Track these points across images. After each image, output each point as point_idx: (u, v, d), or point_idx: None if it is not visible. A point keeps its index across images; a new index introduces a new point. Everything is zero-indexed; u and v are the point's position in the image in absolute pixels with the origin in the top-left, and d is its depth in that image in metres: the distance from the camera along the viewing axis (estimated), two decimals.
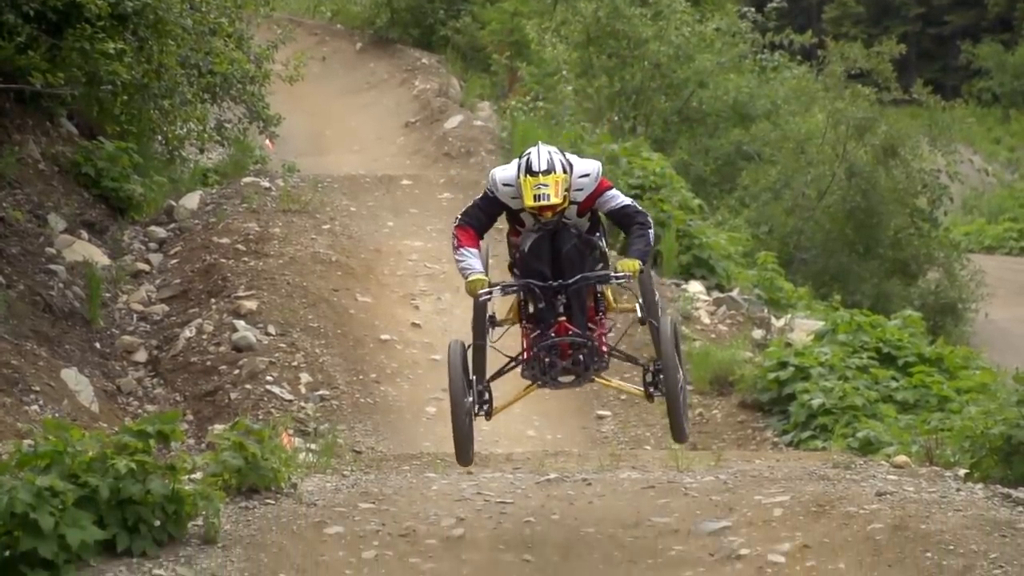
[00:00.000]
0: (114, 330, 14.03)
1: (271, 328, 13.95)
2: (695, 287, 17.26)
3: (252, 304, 14.19)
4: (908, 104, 28.63)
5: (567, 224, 8.65)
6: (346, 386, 13.50)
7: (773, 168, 24.62)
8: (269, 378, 13.24)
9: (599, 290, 8.83)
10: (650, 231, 8.71)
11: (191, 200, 16.62)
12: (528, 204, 8.46)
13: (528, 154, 8.54)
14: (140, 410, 12.90)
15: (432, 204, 18.00)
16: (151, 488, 8.21)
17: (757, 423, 14.26)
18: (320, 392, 13.25)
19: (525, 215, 8.68)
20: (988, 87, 48.23)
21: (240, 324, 13.87)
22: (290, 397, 13.08)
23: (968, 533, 8.27)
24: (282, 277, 14.81)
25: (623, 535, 8.71)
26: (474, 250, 8.65)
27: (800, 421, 13.81)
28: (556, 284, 8.56)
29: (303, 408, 12.93)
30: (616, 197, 8.75)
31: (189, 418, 12.90)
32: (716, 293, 17.38)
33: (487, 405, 8.74)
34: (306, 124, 23.93)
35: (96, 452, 8.29)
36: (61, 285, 13.90)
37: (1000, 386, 13.79)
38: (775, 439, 13.89)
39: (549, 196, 8.41)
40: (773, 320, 16.70)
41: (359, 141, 23.91)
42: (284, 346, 13.74)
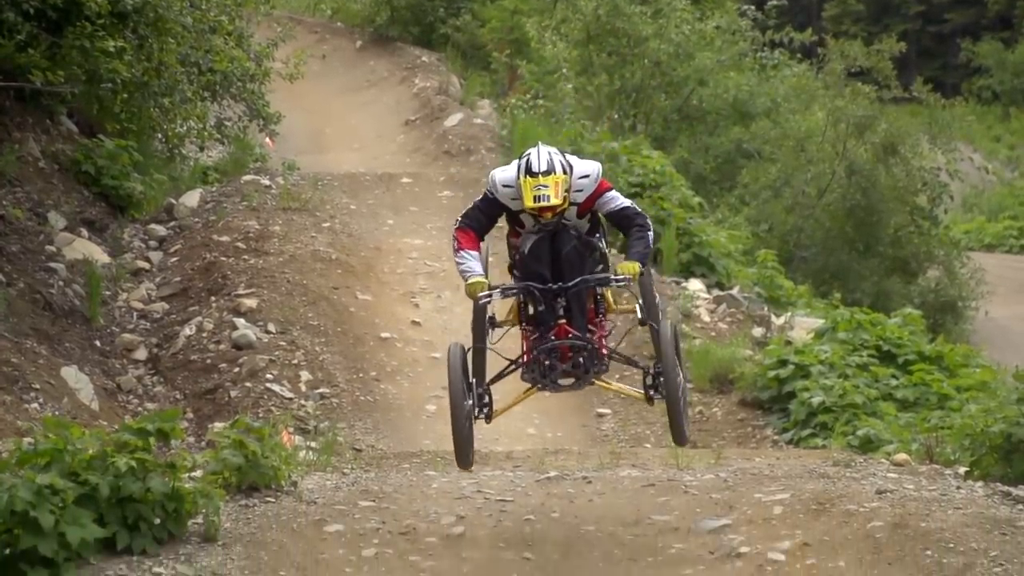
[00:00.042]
0: (114, 328, 14.03)
1: (271, 326, 13.95)
2: (695, 285, 17.27)
3: (252, 302, 14.19)
4: (908, 102, 28.63)
5: (567, 225, 8.64)
6: (346, 384, 13.50)
7: (773, 166, 24.62)
8: (269, 376, 13.24)
9: (599, 292, 8.82)
10: (649, 233, 8.70)
11: (191, 198, 16.62)
12: (528, 205, 8.45)
13: (528, 155, 8.53)
14: (140, 408, 12.91)
15: (432, 202, 18.00)
16: (151, 486, 8.22)
17: (757, 421, 14.27)
18: (320, 390, 13.25)
19: (525, 216, 8.67)
20: (988, 85, 48.20)
21: (240, 322, 13.87)
22: (290, 395, 13.08)
23: (968, 531, 8.27)
24: (282, 275, 14.81)
25: (623, 533, 8.71)
26: (474, 252, 8.64)
27: (800, 419, 13.81)
28: (556, 287, 8.55)
29: (303, 406, 12.94)
30: (616, 199, 8.74)
31: (189, 416, 12.90)
32: (716, 291, 17.38)
33: (487, 408, 8.73)
34: (306, 122, 23.93)
35: (96, 450, 8.29)
36: (61, 283, 13.90)
37: (1000, 384, 13.80)
38: (775, 437, 13.89)
39: (549, 197, 8.40)
40: (773, 318, 16.70)
41: (359, 139, 23.91)
42: (284, 344, 13.74)
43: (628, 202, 8.78)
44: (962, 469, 9.71)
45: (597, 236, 8.89)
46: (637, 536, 8.68)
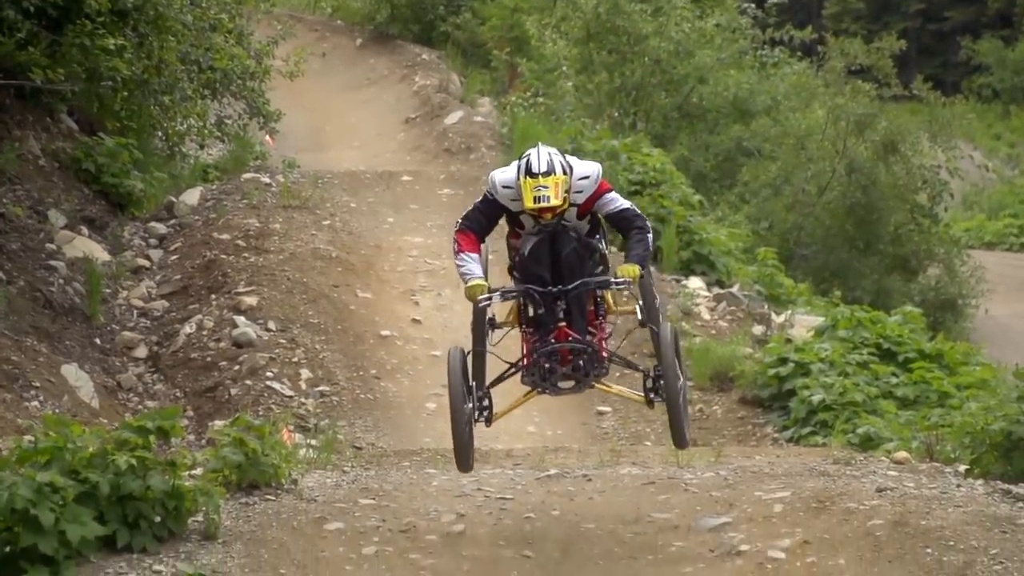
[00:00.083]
0: (114, 326, 14.03)
1: (271, 324, 13.95)
2: (695, 283, 17.26)
3: (252, 300, 14.19)
4: (908, 100, 28.63)
5: (567, 227, 8.63)
6: (346, 382, 13.50)
7: (773, 164, 24.62)
8: (269, 374, 13.24)
9: (599, 294, 8.81)
10: (649, 235, 8.70)
11: (191, 196, 16.62)
12: (528, 206, 8.45)
13: (528, 155, 8.53)
14: (140, 406, 12.90)
15: (432, 200, 18.00)
16: (151, 484, 8.22)
17: (757, 419, 14.27)
18: (320, 388, 13.25)
19: (525, 217, 8.67)
20: (988, 83, 48.20)
21: (240, 320, 13.87)
22: (290, 393, 13.08)
23: (968, 529, 8.27)
24: (282, 273, 14.81)
25: (623, 531, 8.72)
26: (474, 255, 8.64)
27: (800, 417, 13.81)
28: (556, 290, 8.54)
29: (303, 404, 12.93)
30: (615, 200, 8.73)
31: (189, 414, 12.90)
32: (716, 289, 17.37)
33: (487, 412, 8.72)
34: (306, 120, 23.93)
35: (96, 448, 8.30)
36: (61, 281, 13.90)
37: (1000, 382, 13.80)
38: (775, 435, 13.89)
39: (549, 198, 8.40)
40: (773, 316, 16.70)
41: (359, 137, 23.90)
42: (284, 342, 13.74)
43: (628, 204, 8.77)
44: (962, 467, 9.71)
45: (597, 237, 8.88)
46: (637, 534, 8.68)
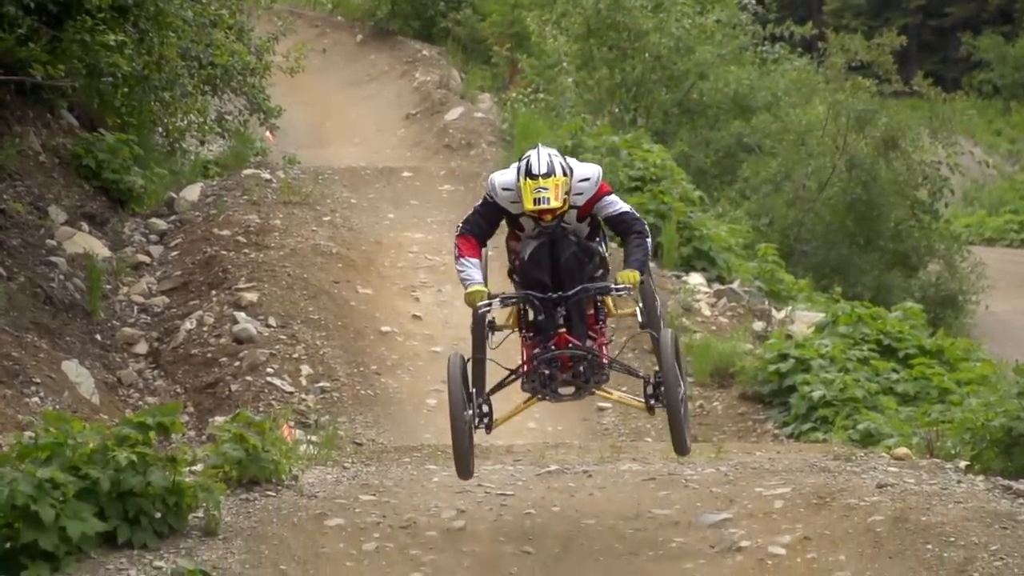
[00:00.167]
0: (115, 322, 14.03)
1: (272, 320, 13.95)
2: (696, 279, 17.26)
3: (253, 296, 14.19)
4: (909, 96, 28.58)
5: (566, 230, 8.60)
6: (347, 378, 13.50)
7: (774, 160, 24.61)
8: (270, 370, 13.24)
9: (599, 298, 8.79)
10: (648, 240, 8.68)
11: (192, 192, 16.62)
12: (528, 207, 8.43)
13: (528, 157, 8.51)
14: (141, 402, 12.91)
15: (433, 196, 18.00)
16: (152, 480, 8.22)
17: (758, 415, 14.27)
18: (321, 384, 13.25)
19: (525, 219, 8.64)
20: (989, 79, 48.16)
21: (241, 316, 13.87)
22: (291, 389, 13.08)
23: (969, 525, 8.27)
24: (283, 269, 14.81)
25: (624, 527, 8.72)
26: (475, 260, 8.61)
27: (801, 413, 13.81)
28: (556, 296, 8.52)
29: (304, 400, 12.94)
30: (615, 203, 8.71)
31: (190, 410, 12.90)
32: (717, 285, 17.37)
33: (487, 418, 8.68)
34: (307, 116, 23.94)
35: (97, 444, 8.29)
36: (62, 277, 13.90)
37: (1000, 378, 13.79)
38: (776, 431, 13.89)
39: (549, 199, 8.38)
40: (774, 312, 16.70)
41: (360, 133, 23.91)
42: (285, 338, 13.74)
43: (627, 207, 8.74)
44: (963, 463, 9.71)
45: (597, 240, 8.85)
46: (638, 530, 8.69)
